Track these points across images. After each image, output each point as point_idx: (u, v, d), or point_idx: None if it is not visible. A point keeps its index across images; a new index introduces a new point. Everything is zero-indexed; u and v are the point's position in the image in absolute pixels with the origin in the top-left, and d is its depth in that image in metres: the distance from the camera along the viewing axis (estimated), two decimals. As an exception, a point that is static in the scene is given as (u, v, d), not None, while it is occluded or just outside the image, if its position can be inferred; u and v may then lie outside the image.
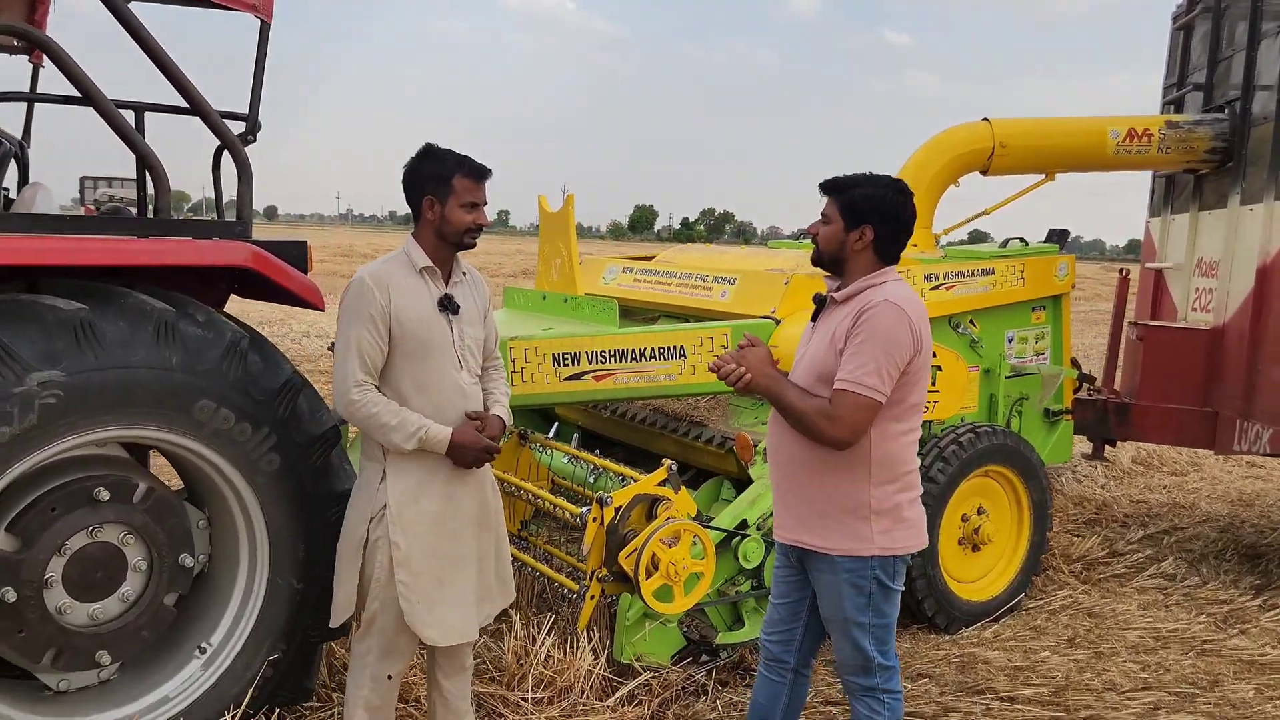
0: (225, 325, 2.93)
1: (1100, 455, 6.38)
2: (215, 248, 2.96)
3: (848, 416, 2.66)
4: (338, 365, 2.86)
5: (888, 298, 2.71)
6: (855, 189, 2.80)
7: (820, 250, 2.89)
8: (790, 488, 2.89)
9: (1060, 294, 5.54)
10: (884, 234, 2.80)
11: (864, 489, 2.76)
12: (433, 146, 2.95)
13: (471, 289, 3.09)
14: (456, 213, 2.89)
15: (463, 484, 3.02)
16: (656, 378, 4.38)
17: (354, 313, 2.83)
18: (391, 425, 2.83)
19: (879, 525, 2.76)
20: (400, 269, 2.92)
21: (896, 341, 2.67)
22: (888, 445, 2.76)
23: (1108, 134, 5.87)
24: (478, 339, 3.08)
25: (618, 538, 3.79)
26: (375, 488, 2.91)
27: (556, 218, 4.92)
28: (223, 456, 2.94)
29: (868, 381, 2.64)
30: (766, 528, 4.10)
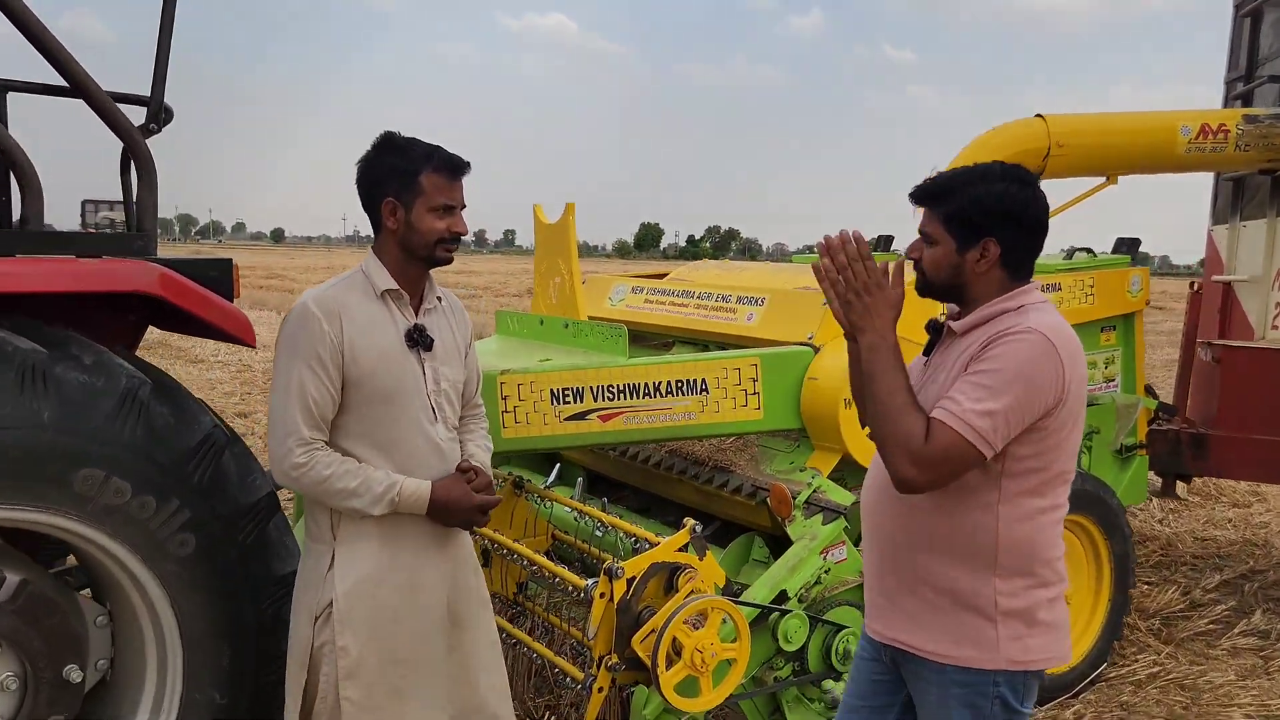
0: (120, 369, 2.26)
1: (1172, 492, 5.67)
2: (105, 270, 2.29)
3: (937, 460, 1.98)
4: (274, 418, 2.23)
5: (1034, 325, 2.02)
6: (961, 192, 2.11)
7: (929, 280, 2.19)
8: (889, 569, 2.24)
9: (1133, 312, 4.85)
10: (1013, 245, 2.11)
11: (986, 581, 2.09)
12: (394, 135, 2.33)
13: (449, 319, 2.47)
14: (425, 219, 2.29)
15: (433, 566, 2.38)
16: (673, 417, 3.69)
17: (295, 349, 2.23)
18: (351, 489, 2.21)
19: (1008, 629, 2.09)
20: (356, 293, 2.30)
21: (1033, 381, 1.98)
22: (1022, 527, 2.08)
23: (1178, 130, 5.18)
24: (456, 383, 2.46)
25: (631, 617, 3.10)
26: (321, 578, 2.28)
27: (555, 230, 4.25)
28: (116, 540, 2.27)
29: (975, 422, 1.96)
30: (810, 600, 3.40)
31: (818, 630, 3.38)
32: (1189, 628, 4.97)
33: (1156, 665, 4.47)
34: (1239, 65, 6.14)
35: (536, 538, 4.14)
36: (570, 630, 3.61)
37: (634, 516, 4.51)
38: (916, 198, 2.18)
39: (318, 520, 2.34)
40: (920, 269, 2.19)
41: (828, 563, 3.47)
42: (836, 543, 3.49)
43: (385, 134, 2.35)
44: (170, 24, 2.43)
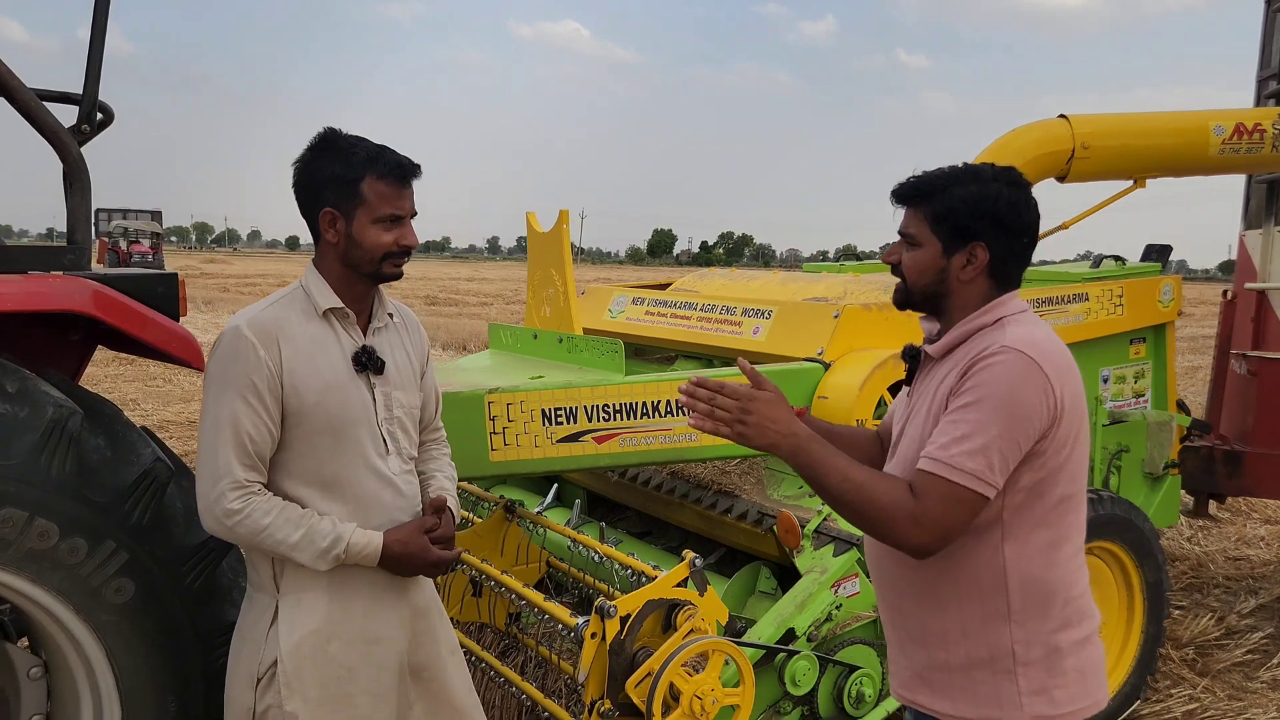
0: (46, 398, 2.03)
1: (1204, 512, 5.37)
2: (29, 288, 2.05)
3: (940, 517, 1.77)
4: (203, 458, 1.96)
5: (1007, 342, 1.82)
6: (950, 191, 1.90)
7: (909, 286, 1.98)
8: (899, 623, 2.03)
9: (1164, 323, 4.57)
10: (1002, 250, 1.91)
11: (1001, 630, 1.87)
12: (334, 135, 2.06)
13: (402, 336, 2.21)
14: (369, 232, 2.03)
15: (390, 614, 2.13)
16: (674, 438, 3.44)
17: (227, 379, 1.96)
18: (293, 543, 1.95)
19: (1029, 682, 1.87)
20: (296, 312, 2.04)
21: (1019, 407, 1.77)
22: (1033, 565, 1.86)
23: (1210, 130, 4.91)
24: (411, 408, 2.20)
25: (625, 658, 2.85)
26: (263, 634, 2.02)
27: (548, 239, 4.01)
28: (42, 588, 2.03)
29: (965, 464, 1.75)
30: (820, 639, 3.14)
31: (828, 671, 3.12)
32: (1225, 658, 4.68)
33: (1193, 701, 4.19)
34: (1271, 62, 5.85)
35: (529, 565, 3.90)
36: (564, 665, 3.37)
37: (634, 541, 4.26)
38: (900, 196, 1.98)
39: (257, 567, 2.08)
40: (900, 274, 1.99)
41: (839, 598, 3.21)
42: (849, 575, 3.23)
43: (324, 132, 2.07)
44: (105, 13, 2.20)
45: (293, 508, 1.99)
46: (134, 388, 11.94)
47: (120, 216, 38.80)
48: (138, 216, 40.25)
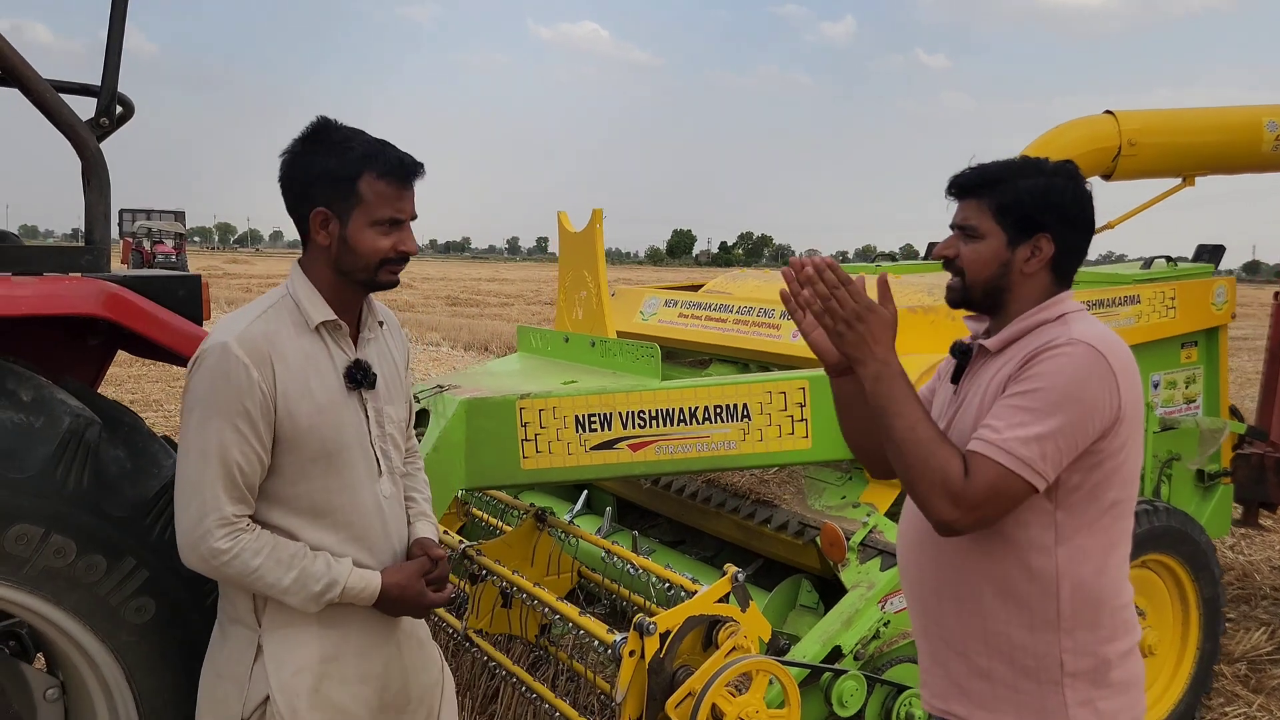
0: (62, 407, 1.92)
1: (1254, 521, 5.19)
2: (42, 290, 1.94)
3: (983, 498, 1.69)
4: (184, 490, 1.80)
5: (1075, 335, 1.75)
6: (1014, 181, 1.84)
7: (968, 283, 1.89)
8: (935, 630, 1.94)
9: (1216, 326, 4.41)
10: (1065, 244, 1.85)
11: (1050, 639, 1.80)
12: (328, 126, 1.88)
13: (388, 345, 2.06)
14: (365, 234, 1.85)
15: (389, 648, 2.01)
16: (711, 446, 3.31)
17: (213, 404, 1.77)
18: (284, 586, 1.80)
19: (1075, 693, 1.80)
20: (286, 326, 1.86)
21: (1084, 399, 1.70)
22: (1084, 570, 1.78)
23: (1263, 126, 4.75)
24: (400, 422, 2.06)
25: (665, 677, 2.73)
26: (246, 671, 1.86)
27: (580, 239, 3.89)
28: (59, 607, 1.92)
29: (1019, 450, 1.68)
30: (867, 657, 3.01)
31: (876, 691, 2.99)
32: (1276, 676, 4.51)
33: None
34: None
35: (561, 576, 3.79)
36: (597, 680, 3.25)
37: (667, 551, 4.14)
38: (961, 186, 1.89)
39: (234, 601, 1.89)
40: (957, 270, 1.90)
41: (886, 614, 3.07)
42: (896, 591, 3.10)
43: (316, 122, 1.88)
44: (124, 4, 2.09)
45: (284, 545, 1.83)
46: (157, 388, 11.91)
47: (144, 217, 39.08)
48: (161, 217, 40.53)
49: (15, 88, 1.98)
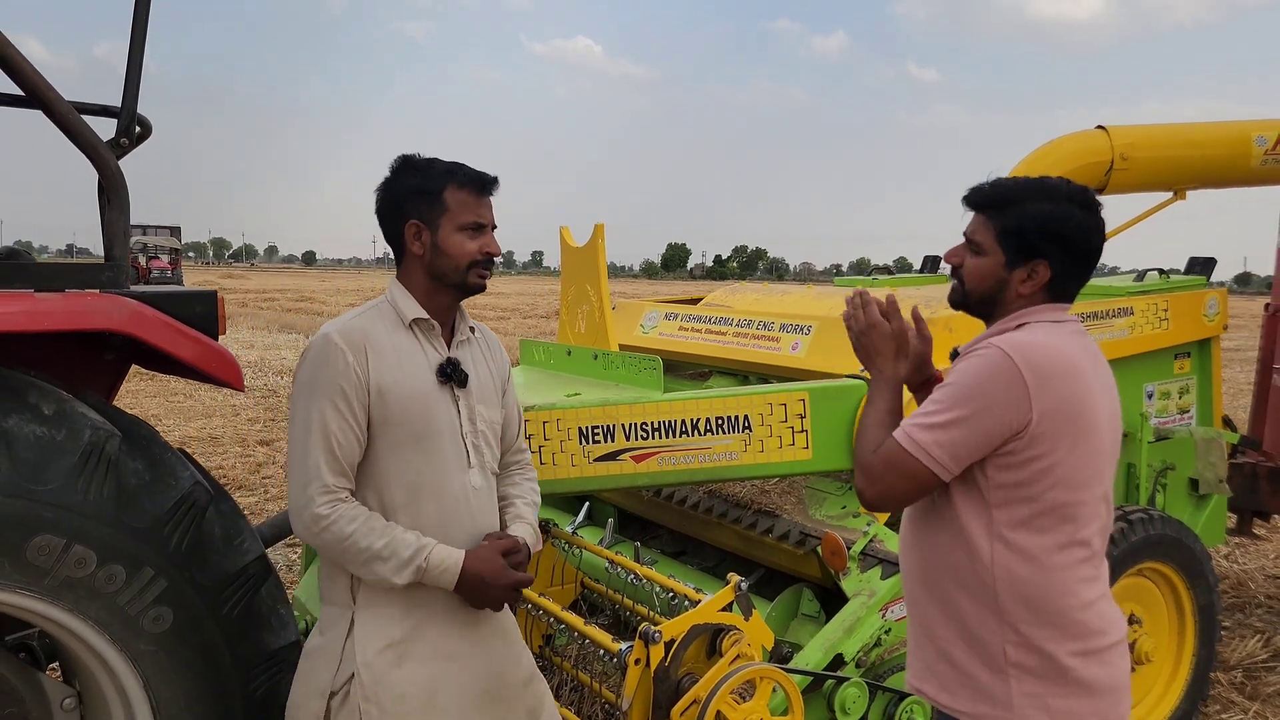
0: (83, 420, 1.96)
1: (1248, 530, 5.25)
2: (67, 306, 1.98)
3: (883, 476, 1.91)
4: (294, 464, 1.99)
5: (998, 342, 1.88)
6: (1023, 204, 1.93)
7: (966, 289, 2.03)
8: (915, 614, 2.10)
9: (1209, 337, 4.47)
10: (1063, 271, 1.95)
11: (994, 628, 1.90)
12: (410, 156, 2.12)
13: (485, 353, 2.24)
14: (454, 239, 2.08)
15: (468, 633, 2.11)
16: (713, 457, 3.35)
17: (315, 386, 1.99)
18: (375, 550, 1.95)
19: (1022, 685, 1.87)
20: (382, 323, 2.09)
21: (986, 399, 1.82)
22: (1019, 567, 1.87)
23: (1252, 141, 4.82)
24: (494, 423, 2.21)
25: (670, 685, 2.77)
26: (339, 647, 2.01)
27: (583, 254, 3.94)
28: (79, 617, 1.96)
29: (918, 435, 1.86)
30: (869, 664, 3.05)
31: (878, 698, 3.03)
32: (1275, 681, 4.55)
33: (1245, 727, 4.06)
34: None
35: (564, 586, 3.82)
36: (602, 691, 3.28)
37: (669, 561, 4.18)
38: (973, 201, 2.00)
39: (334, 579, 2.07)
40: (959, 276, 2.03)
41: (888, 621, 3.11)
42: (897, 599, 3.14)
43: (401, 156, 2.14)
44: (144, 26, 2.15)
45: (377, 517, 2.00)
46: (155, 403, 11.93)
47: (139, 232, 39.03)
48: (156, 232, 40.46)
49: (39, 109, 2.03)
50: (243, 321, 25.26)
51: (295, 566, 5.50)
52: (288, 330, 23.39)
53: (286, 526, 3.09)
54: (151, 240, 38.11)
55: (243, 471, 8.37)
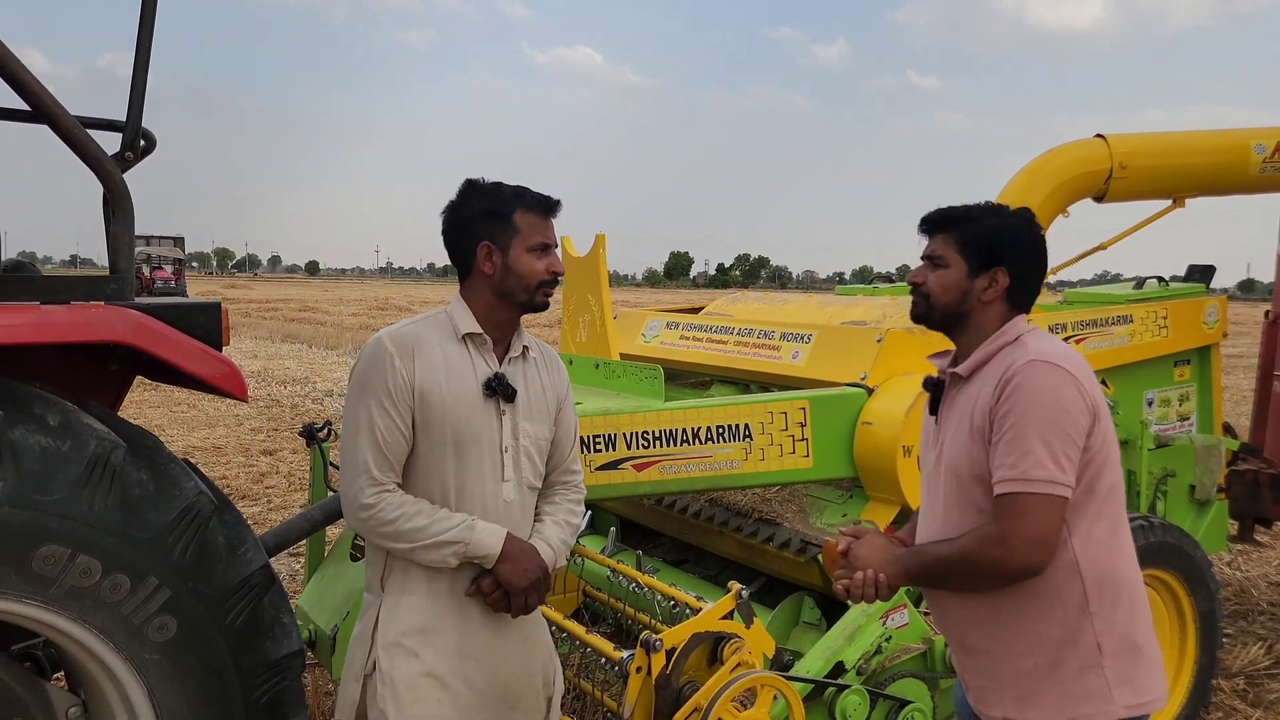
0: (88, 431, 1.98)
1: (1250, 538, 5.24)
2: (72, 318, 2.01)
3: (1025, 529, 1.90)
4: (345, 459, 2.13)
5: (1034, 357, 1.98)
6: (979, 220, 2.12)
7: (931, 304, 2.15)
8: (971, 642, 2.12)
9: (1209, 344, 4.48)
10: (1020, 277, 2.11)
11: (1084, 624, 1.97)
12: (476, 181, 2.21)
13: (541, 371, 2.28)
14: (525, 259, 2.17)
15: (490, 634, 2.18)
16: (714, 465, 3.37)
17: (365, 386, 2.11)
18: (420, 528, 2.06)
19: (1115, 673, 1.97)
20: (436, 332, 2.18)
21: (1063, 409, 1.93)
22: (1096, 553, 1.99)
23: (1251, 149, 4.84)
24: (540, 440, 2.25)
25: (671, 693, 2.78)
26: (369, 633, 2.13)
27: (584, 264, 3.97)
28: (84, 626, 1.97)
29: (1038, 473, 1.90)
30: (870, 672, 3.06)
31: (879, 706, 3.04)
32: (1278, 689, 4.55)
33: (1248, 735, 4.06)
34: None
35: (566, 595, 3.84)
36: (604, 699, 3.29)
37: (671, 570, 4.19)
38: (931, 223, 2.16)
39: (372, 567, 2.20)
40: (923, 294, 2.15)
41: (888, 629, 3.12)
42: (897, 607, 3.15)
43: (467, 181, 2.23)
44: (148, 40, 2.18)
45: (422, 502, 2.10)
46: (158, 413, 11.97)
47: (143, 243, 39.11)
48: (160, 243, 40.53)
49: (45, 124, 2.06)
50: (246, 331, 25.32)
51: (298, 576, 5.52)
52: (291, 340, 23.44)
53: (290, 536, 3.11)
54: (155, 251, 38.17)
55: (246, 481, 8.39)
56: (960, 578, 2.02)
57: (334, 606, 3.51)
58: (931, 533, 2.13)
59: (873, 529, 2.23)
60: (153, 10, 2.19)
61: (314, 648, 3.52)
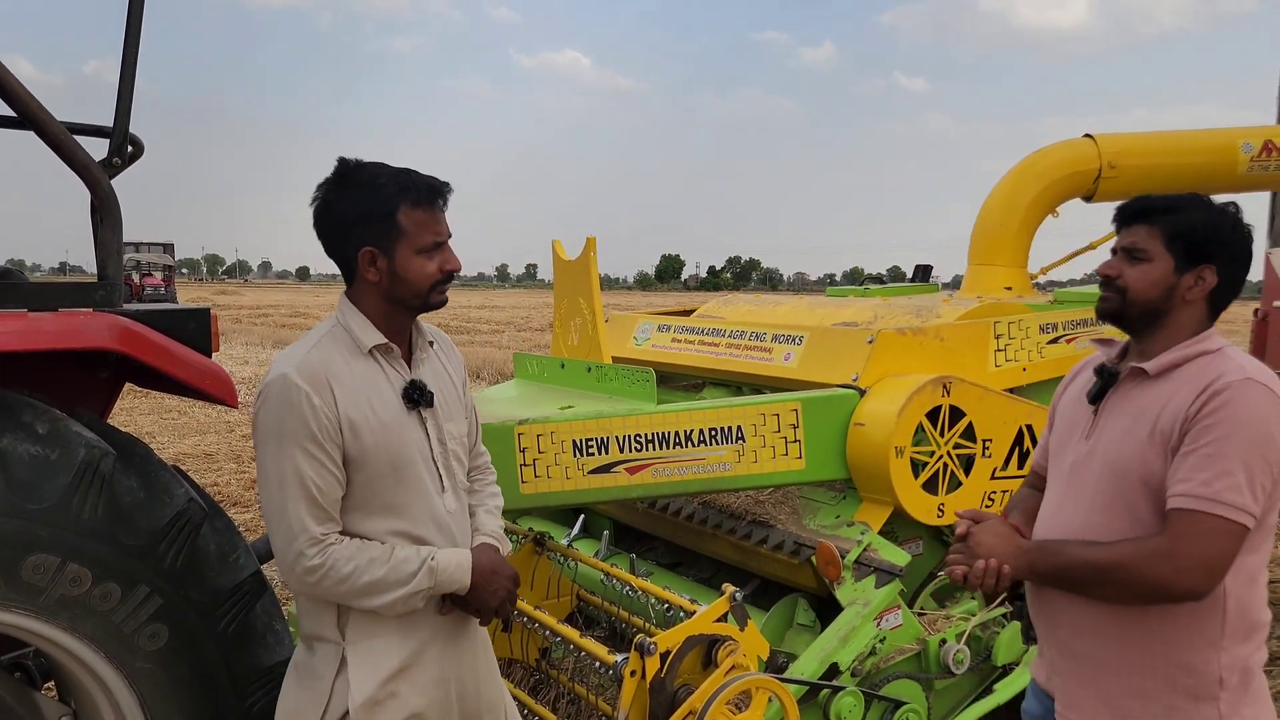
0: (77, 439, 1.97)
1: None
2: (59, 325, 2.00)
3: (1202, 551, 1.78)
4: (272, 520, 1.89)
5: (1250, 375, 1.84)
6: (1188, 212, 1.96)
7: (1128, 300, 1.98)
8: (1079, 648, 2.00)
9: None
10: (1228, 277, 1.96)
11: (1212, 655, 1.87)
12: (351, 168, 1.95)
13: (443, 362, 2.14)
14: (414, 264, 1.94)
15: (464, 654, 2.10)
16: (707, 468, 3.37)
17: (282, 433, 1.85)
18: (380, 579, 1.88)
19: (1229, 706, 1.87)
20: (340, 353, 1.95)
21: (1273, 438, 1.80)
22: (1242, 588, 1.87)
23: (1239, 148, 4.86)
24: (462, 438, 2.13)
25: (666, 696, 2.78)
26: (328, 685, 1.92)
27: (575, 267, 3.96)
28: (74, 635, 1.96)
29: (1232, 498, 1.77)
30: (864, 674, 3.06)
31: (874, 707, 3.04)
32: (1273, 686, 4.55)
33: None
34: (1295, 78, 5.81)
35: (560, 599, 3.83)
36: (599, 703, 3.29)
37: (664, 573, 4.18)
38: (1133, 212, 2.00)
39: (319, 615, 1.96)
40: (1118, 288, 1.98)
41: (882, 630, 3.13)
42: (892, 608, 3.15)
43: (339, 167, 1.95)
44: (135, 46, 2.17)
45: (372, 546, 1.92)
46: (149, 420, 11.92)
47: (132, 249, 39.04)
48: (150, 249, 40.47)
49: (32, 130, 2.05)
50: (236, 338, 25.24)
51: (291, 582, 5.50)
52: (282, 346, 23.35)
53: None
54: (145, 258, 38.10)
55: (238, 488, 8.36)
56: (1107, 587, 1.89)
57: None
58: (1069, 529, 2.01)
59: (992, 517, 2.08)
60: (139, 16, 2.17)
61: (307, 655, 3.50)
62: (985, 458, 3.50)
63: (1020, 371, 3.84)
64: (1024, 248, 4.80)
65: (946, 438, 3.41)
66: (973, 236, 4.89)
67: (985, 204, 4.87)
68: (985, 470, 3.51)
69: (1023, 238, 4.78)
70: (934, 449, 3.40)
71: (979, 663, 3.30)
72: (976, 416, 3.46)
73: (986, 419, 3.49)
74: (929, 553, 3.63)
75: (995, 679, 3.36)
